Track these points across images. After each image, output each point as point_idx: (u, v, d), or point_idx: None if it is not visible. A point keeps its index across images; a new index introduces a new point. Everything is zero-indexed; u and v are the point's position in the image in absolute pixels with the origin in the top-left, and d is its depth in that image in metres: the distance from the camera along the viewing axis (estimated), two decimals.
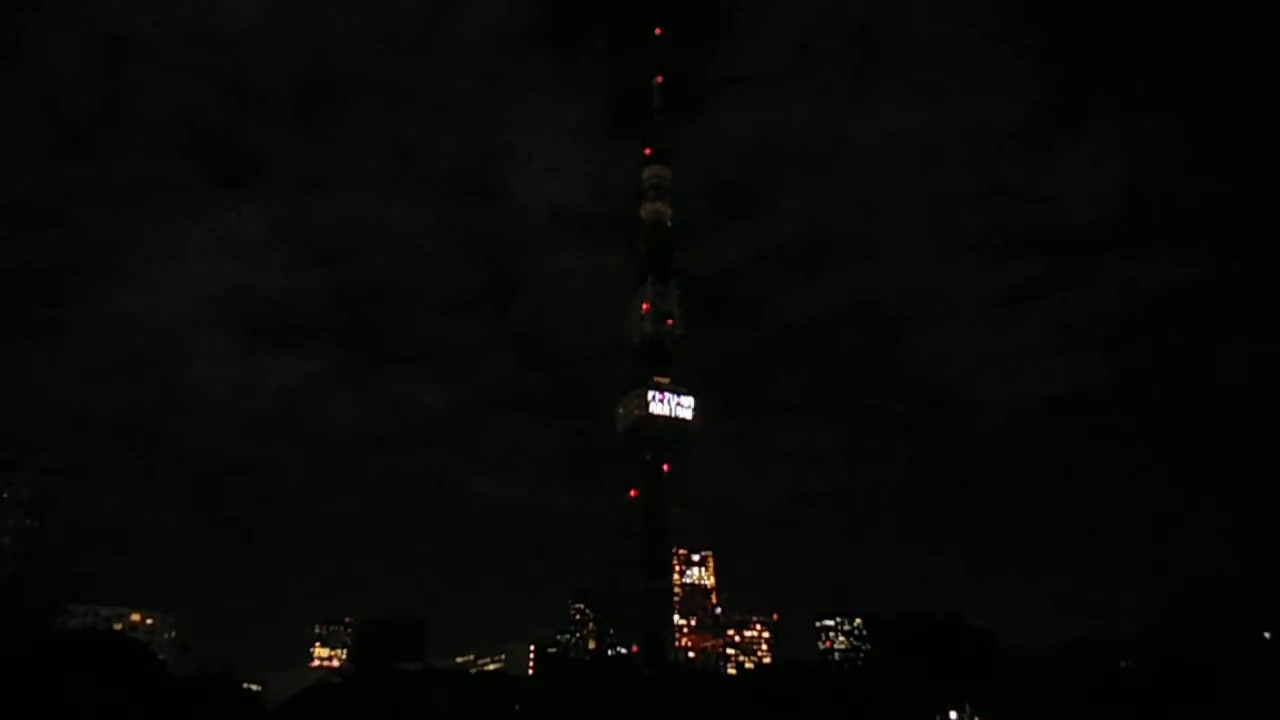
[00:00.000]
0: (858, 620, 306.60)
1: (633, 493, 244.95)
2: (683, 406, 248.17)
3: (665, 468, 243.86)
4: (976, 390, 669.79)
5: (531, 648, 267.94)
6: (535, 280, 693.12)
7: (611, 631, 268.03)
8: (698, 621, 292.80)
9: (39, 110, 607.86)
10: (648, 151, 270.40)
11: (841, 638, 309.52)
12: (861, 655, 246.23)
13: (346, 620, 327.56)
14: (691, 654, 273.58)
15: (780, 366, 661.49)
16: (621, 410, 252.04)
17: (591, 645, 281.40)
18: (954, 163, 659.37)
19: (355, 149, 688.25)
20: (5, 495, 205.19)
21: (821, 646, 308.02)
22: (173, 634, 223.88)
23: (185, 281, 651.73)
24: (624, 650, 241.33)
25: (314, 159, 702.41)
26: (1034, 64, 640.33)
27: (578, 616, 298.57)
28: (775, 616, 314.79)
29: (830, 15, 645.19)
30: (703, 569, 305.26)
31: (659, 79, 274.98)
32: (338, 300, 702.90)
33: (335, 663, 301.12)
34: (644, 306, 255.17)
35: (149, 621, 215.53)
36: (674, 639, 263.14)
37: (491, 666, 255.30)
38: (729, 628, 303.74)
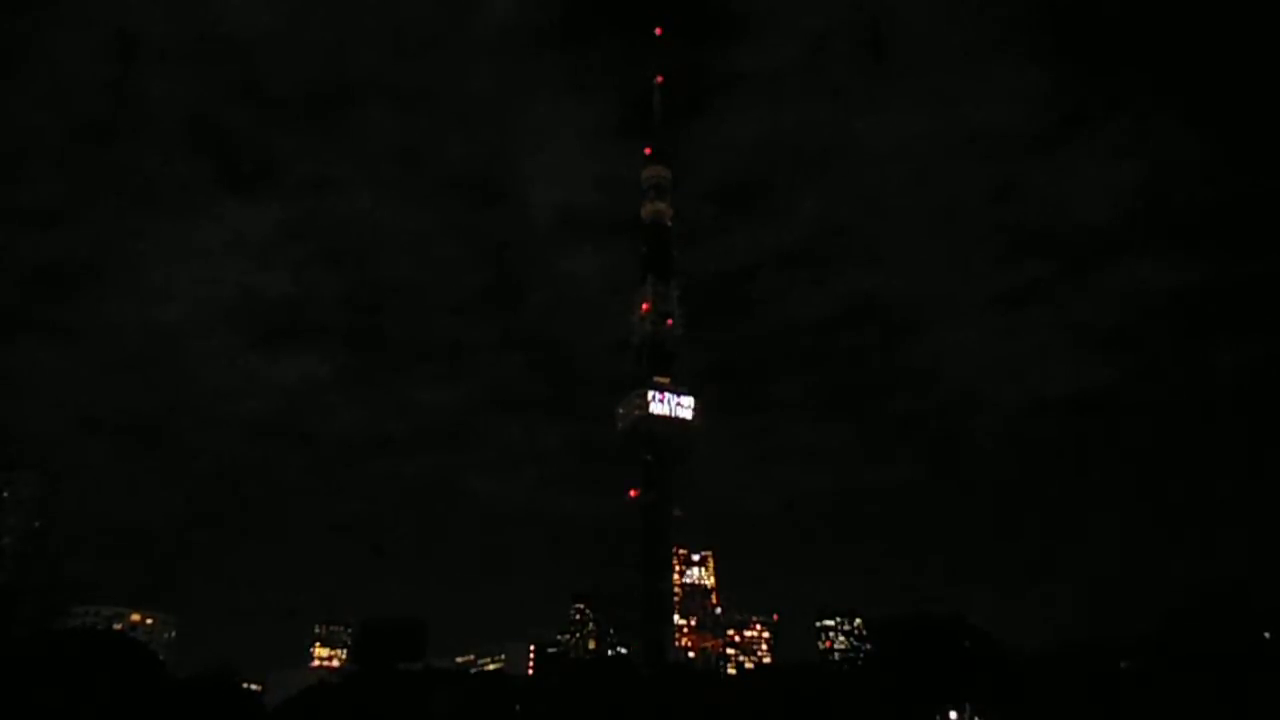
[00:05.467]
0: (858, 620, 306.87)
1: (633, 493, 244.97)
2: (683, 406, 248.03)
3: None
4: (982, 391, 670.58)
5: (531, 648, 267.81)
6: (542, 281, 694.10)
7: (611, 631, 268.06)
8: (698, 621, 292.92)
9: (48, 110, 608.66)
10: (648, 151, 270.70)
11: (841, 638, 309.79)
12: (861, 655, 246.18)
13: (347, 620, 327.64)
14: (691, 654, 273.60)
15: (785, 367, 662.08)
16: (621, 410, 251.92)
17: (591, 645, 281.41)
18: (962, 164, 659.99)
19: (365, 151, 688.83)
20: (6, 495, 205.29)
21: (821, 646, 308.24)
22: (173, 634, 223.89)
23: (193, 282, 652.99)
24: (624, 650, 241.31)
25: (324, 160, 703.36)
26: (1043, 66, 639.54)
27: (578, 616, 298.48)
28: (775, 617, 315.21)
29: (840, 17, 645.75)
30: (703, 569, 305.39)
31: (659, 79, 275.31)
32: (345, 301, 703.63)
33: (335, 663, 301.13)
34: (644, 307, 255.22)
35: (149, 621, 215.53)
36: (674, 639, 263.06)
37: (491, 666, 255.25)
38: (729, 628, 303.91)
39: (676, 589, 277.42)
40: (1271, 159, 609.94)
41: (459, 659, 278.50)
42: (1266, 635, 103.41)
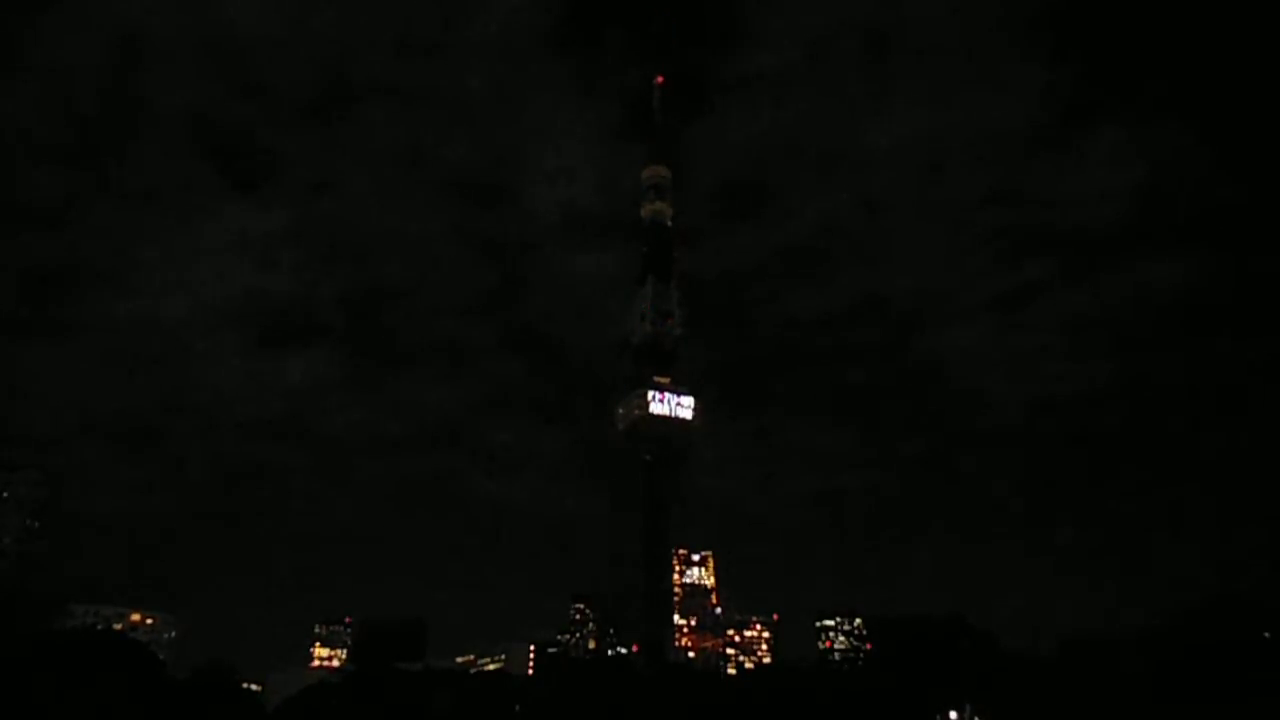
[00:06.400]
0: (858, 620, 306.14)
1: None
2: (683, 406, 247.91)
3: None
4: (983, 391, 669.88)
5: (531, 648, 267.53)
6: (544, 282, 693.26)
7: (611, 631, 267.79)
8: (698, 621, 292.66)
9: (51, 110, 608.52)
10: (648, 151, 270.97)
11: (841, 638, 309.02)
12: (861, 655, 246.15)
13: (346, 620, 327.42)
14: (691, 654, 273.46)
15: (785, 367, 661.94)
16: (621, 410, 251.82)
17: (591, 645, 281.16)
18: (964, 164, 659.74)
19: (367, 151, 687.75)
20: (5, 495, 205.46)
21: (821, 646, 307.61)
22: (173, 634, 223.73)
23: (195, 283, 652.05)
24: (624, 650, 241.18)
25: (326, 161, 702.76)
26: (1044, 67, 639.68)
27: (578, 616, 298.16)
28: (775, 617, 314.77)
29: (842, 18, 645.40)
30: (703, 569, 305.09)
31: (659, 79, 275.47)
32: (347, 302, 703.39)
33: (335, 663, 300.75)
34: (644, 306, 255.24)
35: (149, 621, 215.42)
36: (674, 639, 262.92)
37: (491, 666, 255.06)
38: (729, 628, 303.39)
39: (676, 589, 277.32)
40: (1271, 160, 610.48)
41: (459, 659, 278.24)
42: (1266, 635, 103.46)
